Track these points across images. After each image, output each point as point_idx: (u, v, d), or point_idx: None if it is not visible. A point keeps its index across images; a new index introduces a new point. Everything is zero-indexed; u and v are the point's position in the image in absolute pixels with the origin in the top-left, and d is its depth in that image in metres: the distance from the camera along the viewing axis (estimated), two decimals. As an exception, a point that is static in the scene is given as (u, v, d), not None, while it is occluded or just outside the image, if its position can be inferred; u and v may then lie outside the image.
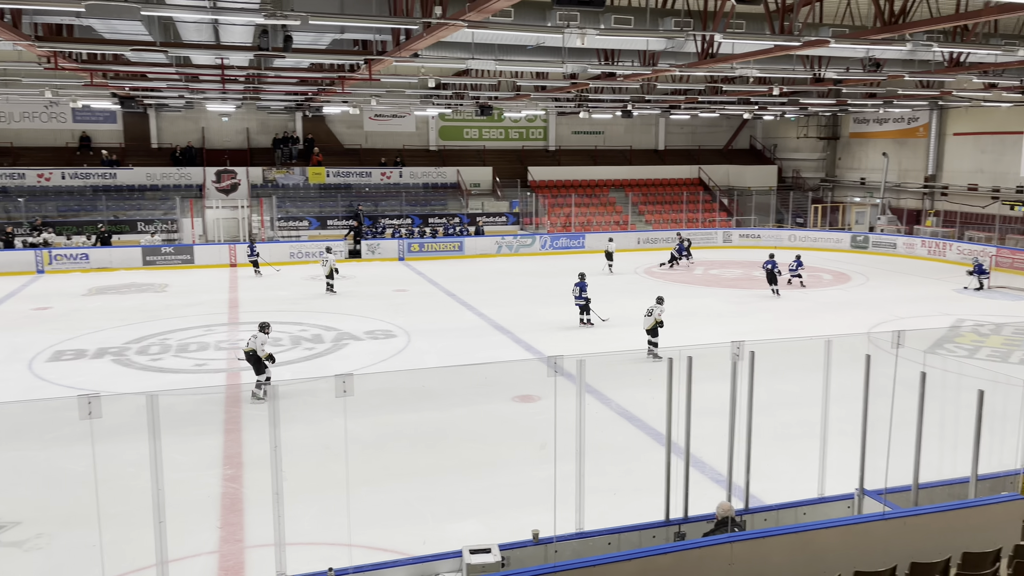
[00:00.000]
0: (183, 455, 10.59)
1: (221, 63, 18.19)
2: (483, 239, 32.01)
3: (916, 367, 7.21)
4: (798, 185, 39.89)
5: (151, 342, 17.10)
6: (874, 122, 36.90)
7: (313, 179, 33.95)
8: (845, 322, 18.92)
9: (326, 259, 23.27)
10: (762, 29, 14.46)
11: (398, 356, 15.99)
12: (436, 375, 14.07)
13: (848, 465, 7.61)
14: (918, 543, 6.36)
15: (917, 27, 12.99)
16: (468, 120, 37.88)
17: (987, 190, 31.50)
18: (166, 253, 28.34)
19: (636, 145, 40.66)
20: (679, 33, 13.72)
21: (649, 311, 15.69)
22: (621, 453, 10.91)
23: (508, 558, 6.36)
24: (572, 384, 6.83)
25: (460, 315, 20.23)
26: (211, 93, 25.66)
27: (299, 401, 12.25)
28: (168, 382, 14.18)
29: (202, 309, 20.69)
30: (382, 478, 10.11)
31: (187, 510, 8.88)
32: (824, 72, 19.30)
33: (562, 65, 16.93)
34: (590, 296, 18.71)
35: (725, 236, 34.77)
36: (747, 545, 5.97)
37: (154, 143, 34.36)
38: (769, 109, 31.88)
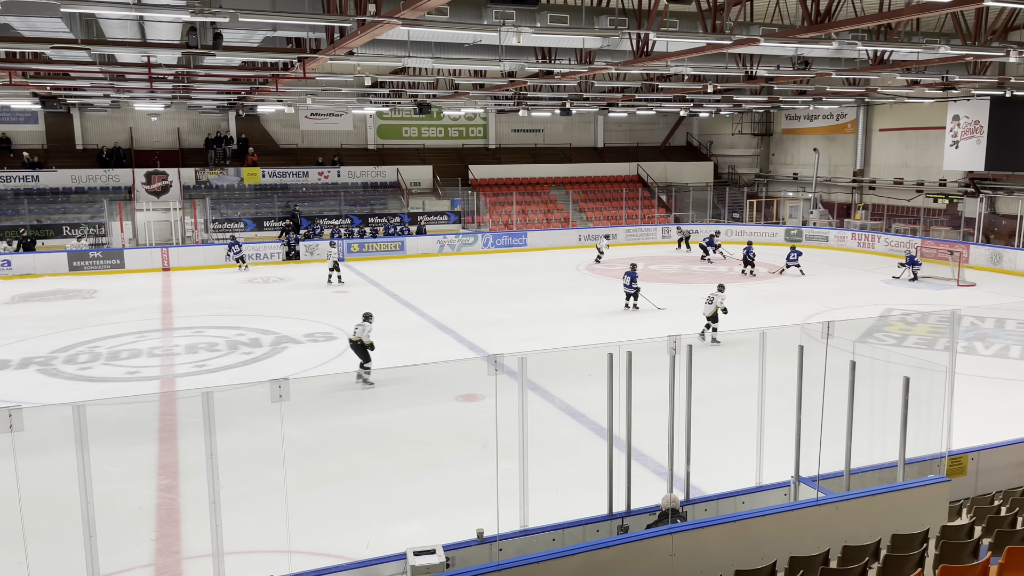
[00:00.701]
0: (115, 466, 10.25)
1: (148, 61, 17.63)
2: (425, 238, 31.84)
3: (847, 356, 7.42)
4: (733, 181, 40.79)
5: (79, 350, 16.50)
6: (805, 119, 37.97)
7: (248, 180, 33.24)
8: (781, 314, 19.42)
9: (330, 253, 24.84)
10: (695, 28, 14.73)
11: (339, 358, 15.76)
12: (378, 376, 13.92)
13: (784, 453, 7.80)
14: (850, 527, 6.56)
15: (842, 26, 13.41)
16: (407, 118, 37.60)
17: (912, 184, 32.74)
18: (94, 258, 27.36)
19: (576, 143, 40.98)
20: (614, 31, 13.86)
21: (710, 299, 16.58)
22: (564, 449, 10.98)
23: (453, 558, 6.33)
24: (515, 382, 6.83)
25: (402, 315, 20.07)
26: (138, 92, 24.86)
27: (236, 407, 11.96)
28: (98, 391, 13.70)
29: (134, 315, 20.05)
30: (323, 482, 9.96)
31: (120, 523, 8.60)
32: (756, 70, 19.77)
33: (500, 63, 16.93)
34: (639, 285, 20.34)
35: (664, 232, 35.30)
36: (688, 535, 6.06)
37: (79, 144, 33.12)
38: (704, 107, 32.52)
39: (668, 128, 42.81)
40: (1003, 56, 15.58)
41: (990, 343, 16.72)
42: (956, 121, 29.55)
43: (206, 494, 6.06)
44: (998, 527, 6.55)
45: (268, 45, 16.24)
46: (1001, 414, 12.26)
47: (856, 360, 7.29)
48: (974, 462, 8.75)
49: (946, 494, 7.25)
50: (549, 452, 10.42)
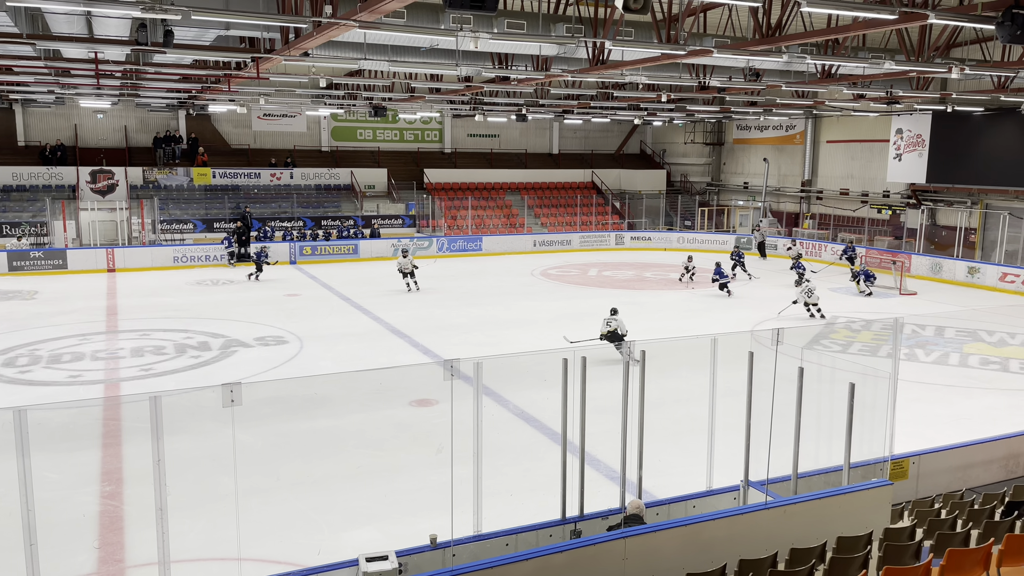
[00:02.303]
0: (56, 472, 9.94)
1: (95, 57, 17.18)
2: (379, 242, 31.60)
3: (795, 362, 7.60)
4: (686, 189, 41.41)
5: (19, 353, 15.97)
6: (755, 129, 38.77)
7: (198, 180, 32.59)
8: (731, 320, 19.76)
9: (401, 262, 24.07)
10: (650, 38, 14.94)
11: (291, 363, 15.56)
12: (331, 381, 13.78)
13: (734, 458, 7.94)
14: (797, 529, 6.71)
15: (792, 40, 13.75)
16: (362, 121, 37.32)
17: (857, 194, 33.66)
18: (35, 258, 26.51)
19: (531, 149, 41.15)
20: (570, 39, 13.99)
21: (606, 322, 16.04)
22: (518, 454, 11.00)
23: (406, 564, 6.30)
24: (470, 387, 6.82)
25: (355, 319, 19.89)
26: (84, 88, 24.20)
27: (184, 412, 11.71)
28: (39, 395, 13.28)
29: (77, 317, 19.48)
30: (274, 489, 9.81)
31: (62, 531, 8.35)
32: (709, 80, 20.15)
33: (456, 68, 16.93)
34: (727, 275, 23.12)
35: (617, 238, 35.66)
36: (640, 540, 6.13)
37: (21, 141, 32.05)
38: (658, 115, 32.97)
39: (622, 136, 43.28)
40: (945, 72, 16.14)
41: (931, 350, 17.26)
42: (899, 134, 30.50)
43: (151, 501, 5.92)
44: (939, 530, 6.77)
45: (221, 44, 15.97)
46: (941, 419, 12.67)
47: (804, 366, 7.47)
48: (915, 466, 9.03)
49: (889, 497, 7.46)
50: (503, 457, 10.43)
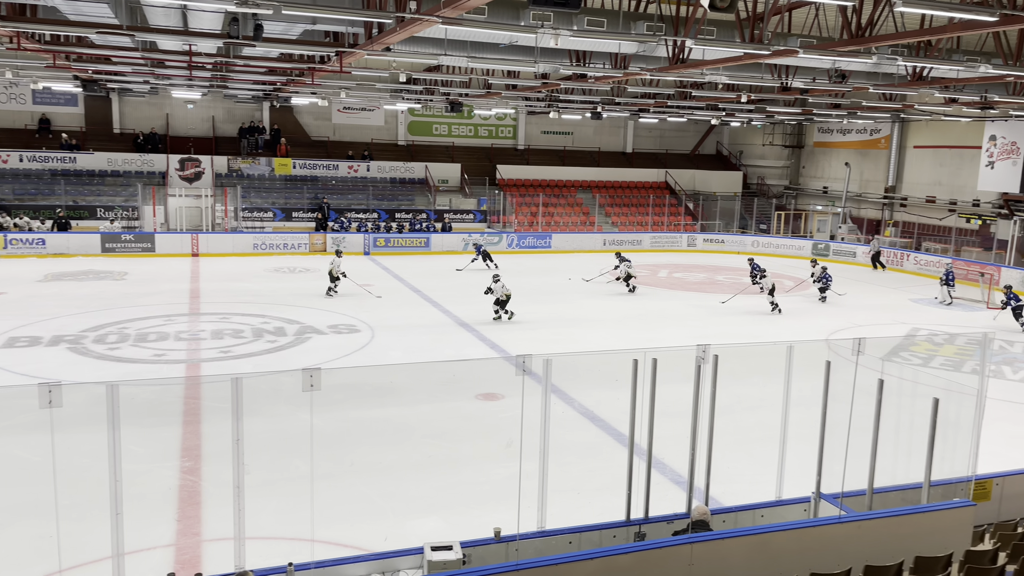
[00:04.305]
0: (140, 446, 10.40)
1: (189, 49, 17.87)
2: (450, 236, 31.94)
3: (873, 374, 7.37)
4: (762, 192, 40.50)
5: (109, 331, 16.76)
6: (838, 132, 37.62)
7: (279, 170, 33.56)
8: (805, 328, 19.26)
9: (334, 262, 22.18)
10: (732, 37, 14.65)
11: (362, 351, 15.89)
12: (400, 371, 14.02)
13: (805, 469, 7.75)
14: (872, 546, 6.51)
15: (883, 41, 13.29)
16: (438, 116, 37.76)
17: (944, 203, 32.31)
18: (126, 240, 27.78)
19: (604, 147, 40.91)
20: (651, 37, 13.85)
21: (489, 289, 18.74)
22: (583, 453, 10.98)
23: (469, 555, 6.36)
24: (536, 383, 6.85)
25: (425, 311, 20.17)
26: (177, 79, 25.20)
27: (261, 394, 12.09)
28: (125, 372, 13.92)
29: (162, 299, 20.33)
30: (344, 473, 10.05)
31: (144, 502, 8.73)
32: (791, 81, 19.64)
33: (534, 65, 16.96)
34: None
35: (689, 240, 35.15)
36: (707, 546, 6.05)
37: (116, 128, 33.63)
38: (736, 116, 32.32)
39: (698, 136, 42.59)
40: (1046, 78, 15.36)
41: (1018, 368, 16.46)
42: (993, 141, 29.13)
43: (227, 478, 6.14)
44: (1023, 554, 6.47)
45: (307, 38, 16.39)
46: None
47: (883, 378, 7.23)
48: (999, 487, 8.63)
49: (971, 519, 7.16)
50: (568, 455, 10.43)
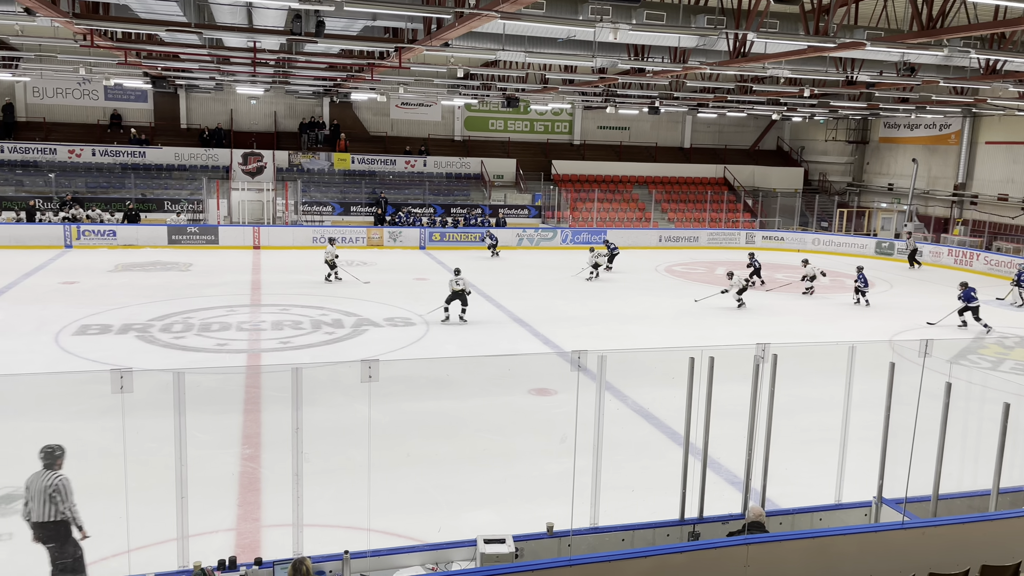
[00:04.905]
0: (203, 432, 10.70)
1: (253, 46, 18.30)
2: (504, 231, 32.01)
3: (940, 377, 7.14)
4: (824, 189, 39.53)
5: (174, 320, 17.31)
6: (905, 127, 36.47)
7: (338, 165, 34.11)
8: (867, 328, 18.76)
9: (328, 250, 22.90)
10: (796, 29, 14.34)
11: (417, 344, 16.06)
12: (455, 365, 14.13)
13: (866, 473, 7.57)
14: (936, 554, 6.32)
15: (954, 33, 12.82)
16: (494, 111, 37.87)
17: (1017, 201, 31.05)
18: (191, 233, 28.63)
19: (661, 142, 40.47)
20: (712, 31, 13.63)
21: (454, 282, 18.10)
22: (637, 450, 10.92)
23: (522, 549, 6.39)
24: (589, 379, 6.83)
25: (479, 306, 20.26)
26: (241, 76, 25.83)
27: (319, 385, 12.35)
28: (190, 360, 14.35)
29: (225, 290, 20.90)
30: (398, 464, 10.18)
31: (206, 487, 8.98)
32: (857, 75, 19.12)
33: (592, 59, 16.87)
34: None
35: (748, 237, 34.54)
36: (763, 548, 5.95)
37: (183, 123, 34.66)
38: (798, 111, 31.60)
39: (758, 131, 41.79)
40: None
41: (1096, 374, 15.75)
42: (1072, 137, 27.86)
43: (286, 466, 6.29)
44: (1097, 568, 6.21)
45: (367, 34, 16.62)
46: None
47: (951, 382, 7.00)
48: (1072, 497, 8.28)
49: (1041, 528, 6.90)
50: (622, 452, 10.37)
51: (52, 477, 6.69)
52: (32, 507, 6.68)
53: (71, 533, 6.62)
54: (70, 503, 6.69)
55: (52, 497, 6.65)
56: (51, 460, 6.74)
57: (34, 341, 15.26)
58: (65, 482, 6.66)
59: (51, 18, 13.31)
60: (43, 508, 6.66)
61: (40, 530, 6.64)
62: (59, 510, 6.62)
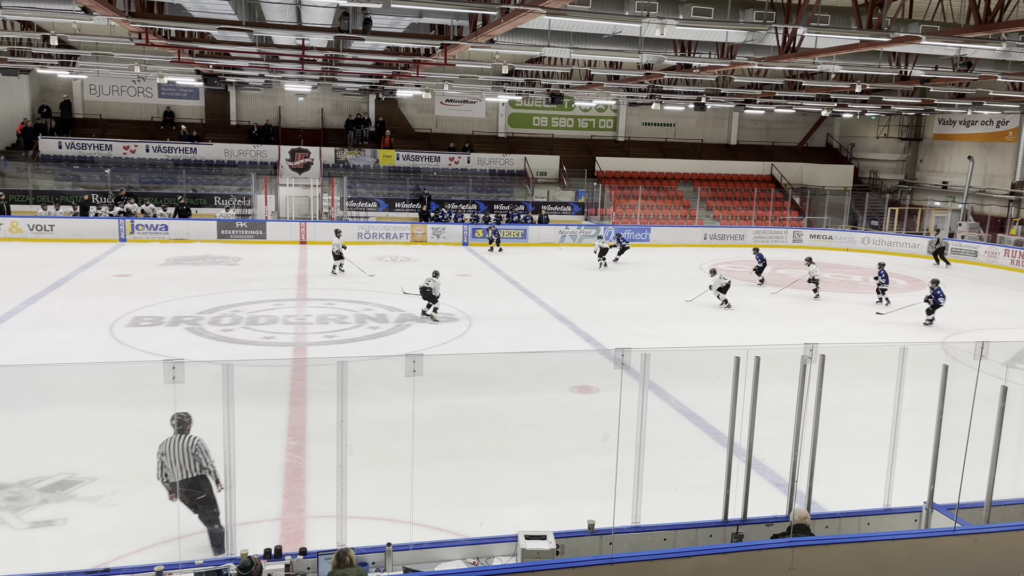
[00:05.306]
0: (250, 424, 10.92)
1: (302, 44, 18.57)
2: (547, 228, 31.98)
3: (995, 380, 6.94)
4: (875, 186, 38.66)
5: (223, 313, 17.67)
6: (960, 124, 35.46)
7: (383, 161, 34.44)
8: (914, 330, 18.31)
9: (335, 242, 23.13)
10: (848, 24, 14.04)
11: (459, 340, 16.15)
12: (497, 361, 14.17)
13: (915, 477, 7.39)
14: (990, 562, 6.15)
15: (1013, 27, 12.43)
16: (538, 108, 37.83)
17: (1079, 200, 30.00)
18: (240, 228, 29.19)
19: (707, 139, 39.99)
20: (761, 26, 13.43)
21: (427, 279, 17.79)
22: (679, 449, 10.82)
23: (563, 546, 6.38)
24: (632, 377, 6.79)
25: (521, 302, 20.30)
26: (290, 73, 26.24)
27: (363, 379, 12.50)
28: (237, 352, 14.64)
29: (272, 284, 21.27)
30: (440, 459, 10.25)
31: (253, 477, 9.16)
32: (911, 70, 18.65)
33: (638, 55, 16.75)
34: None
35: (795, 236, 33.96)
36: (809, 551, 5.86)
37: (233, 120, 35.35)
38: (849, 107, 30.94)
39: (807, 128, 41.04)
40: None
41: None
42: None
43: (331, 458, 6.37)
44: None
45: (413, 31, 16.74)
46: None
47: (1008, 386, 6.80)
48: None
49: (1101, 538, 6.66)
50: (664, 451, 10.27)
51: (191, 439, 7.55)
52: (173, 468, 7.50)
53: (211, 485, 7.54)
54: (210, 459, 7.53)
55: (195, 455, 7.51)
56: (183, 426, 7.57)
57: (89, 332, 15.73)
58: (203, 442, 7.54)
59: (108, 17, 13.68)
60: (187, 466, 7.50)
61: (185, 486, 7.52)
62: (202, 465, 7.52)
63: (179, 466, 7.50)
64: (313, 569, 5.92)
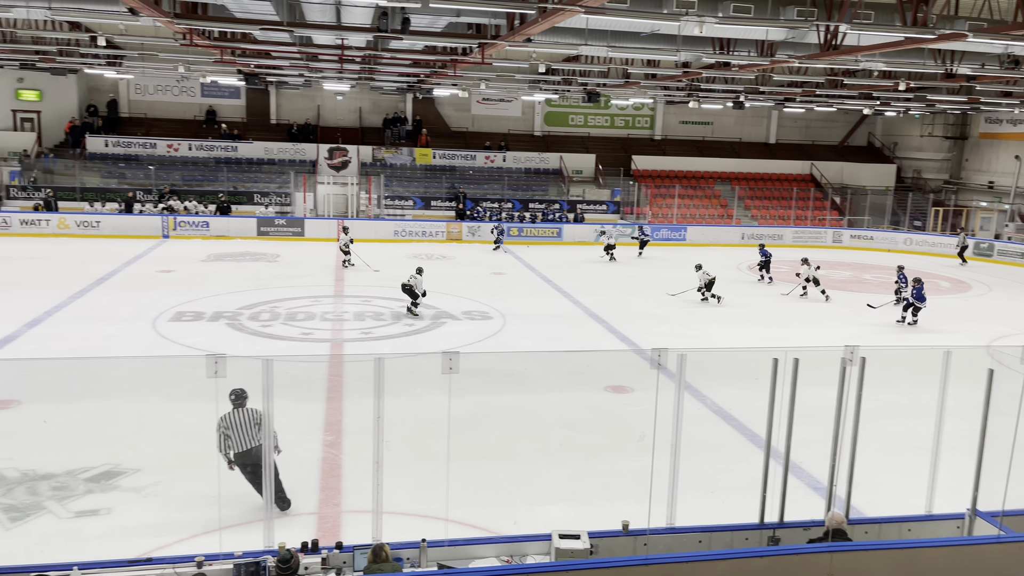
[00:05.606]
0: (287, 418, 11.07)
1: (341, 43, 18.76)
2: (582, 227, 31.89)
3: (1044, 386, 6.77)
4: (918, 186, 37.87)
5: (262, 309, 17.94)
6: (1008, 123, 34.56)
7: (420, 160, 34.64)
8: (961, 333, 17.92)
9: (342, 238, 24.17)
10: (892, 20, 13.77)
11: (493, 338, 16.19)
12: (531, 359, 14.19)
13: (958, 483, 7.24)
14: (1035, 571, 6.01)
15: (1066, 23, 12.08)
16: (574, 106, 37.73)
17: None
18: (279, 225, 29.61)
19: (746, 137, 39.53)
20: (802, 23, 13.25)
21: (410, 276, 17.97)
22: (715, 451, 10.74)
23: (597, 546, 6.37)
24: (667, 378, 6.76)
25: (556, 301, 20.28)
26: (329, 72, 26.53)
27: (398, 375, 12.60)
28: (276, 348, 14.85)
29: (310, 280, 21.54)
30: (474, 456, 10.29)
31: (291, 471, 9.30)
32: (957, 68, 18.23)
33: (676, 53, 16.62)
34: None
35: (835, 236, 33.43)
36: (848, 557, 5.77)
37: (273, 119, 35.84)
38: (892, 105, 30.33)
39: (848, 126, 40.34)
40: None
41: None
42: None
43: (367, 453, 6.44)
44: None
45: (451, 30, 16.81)
46: None
47: (1056, 392, 6.63)
48: None
49: None
50: (700, 453, 10.21)
51: (252, 411, 8.24)
52: (237, 439, 8.16)
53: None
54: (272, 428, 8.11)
55: (259, 424, 8.18)
56: (242, 401, 8.25)
57: (133, 326, 16.08)
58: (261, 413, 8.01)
59: (153, 18, 13.97)
60: (250, 436, 8.19)
61: (248, 455, 8.18)
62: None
63: (243, 437, 8.12)
64: (349, 563, 5.99)
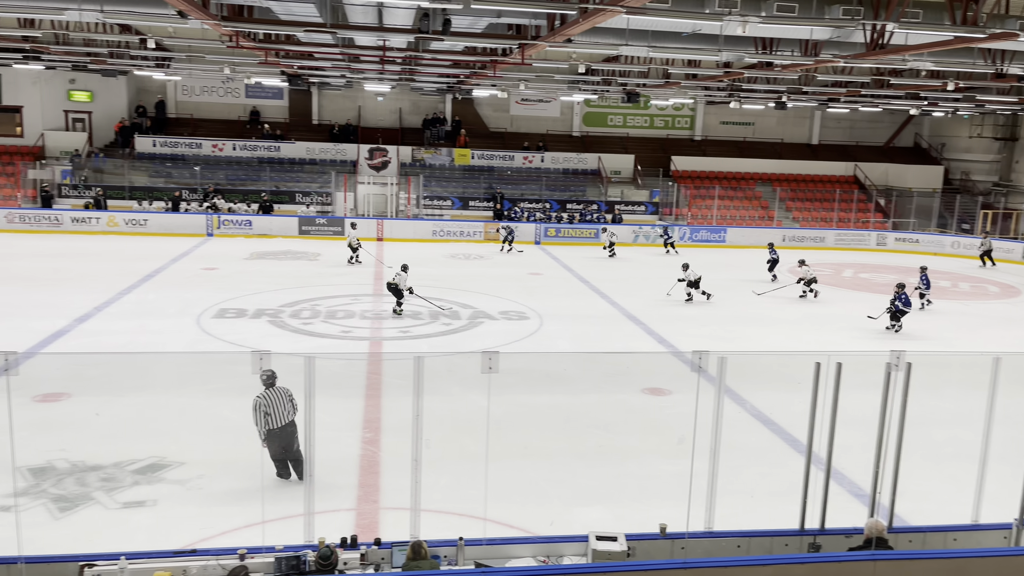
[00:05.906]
0: (328, 415, 11.22)
1: (382, 45, 18.95)
2: (620, 227, 31.74)
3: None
4: (966, 188, 36.97)
5: (303, 307, 18.20)
6: (1062, 123, 33.57)
7: (459, 160, 34.79)
8: (1010, 339, 17.46)
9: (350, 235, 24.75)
10: (941, 19, 13.47)
11: (530, 338, 16.21)
12: (569, 360, 14.17)
13: (1006, 493, 7.07)
14: (1086, 585, 5.84)
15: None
16: (613, 107, 37.57)
17: None
18: (320, 224, 30.00)
19: (788, 138, 38.96)
20: (848, 22, 13.04)
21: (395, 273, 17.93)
22: (755, 456, 10.62)
23: (634, 548, 6.36)
24: (706, 381, 6.71)
25: (593, 302, 20.23)
26: (370, 73, 26.79)
27: (436, 374, 12.69)
28: (316, 345, 15.06)
29: (350, 279, 21.80)
30: (511, 456, 10.32)
31: (330, 467, 9.43)
32: (1008, 67, 17.77)
33: (718, 53, 16.47)
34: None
35: (879, 239, 32.79)
36: (892, 565, 5.67)
37: (315, 119, 36.31)
38: (940, 105, 29.66)
39: (893, 127, 39.52)
40: None
41: None
42: None
43: (405, 451, 6.50)
44: None
45: (491, 31, 16.88)
46: None
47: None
48: None
49: None
50: (739, 457, 10.11)
51: (283, 388, 8.68)
52: (276, 415, 8.63)
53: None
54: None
55: (292, 399, 8.71)
56: (272, 380, 8.64)
57: (178, 322, 16.44)
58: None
59: (201, 20, 14.26)
60: (286, 411, 8.71)
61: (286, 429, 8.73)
62: (295, 407, 8.76)
63: (279, 414, 8.60)
64: (387, 560, 6.06)
